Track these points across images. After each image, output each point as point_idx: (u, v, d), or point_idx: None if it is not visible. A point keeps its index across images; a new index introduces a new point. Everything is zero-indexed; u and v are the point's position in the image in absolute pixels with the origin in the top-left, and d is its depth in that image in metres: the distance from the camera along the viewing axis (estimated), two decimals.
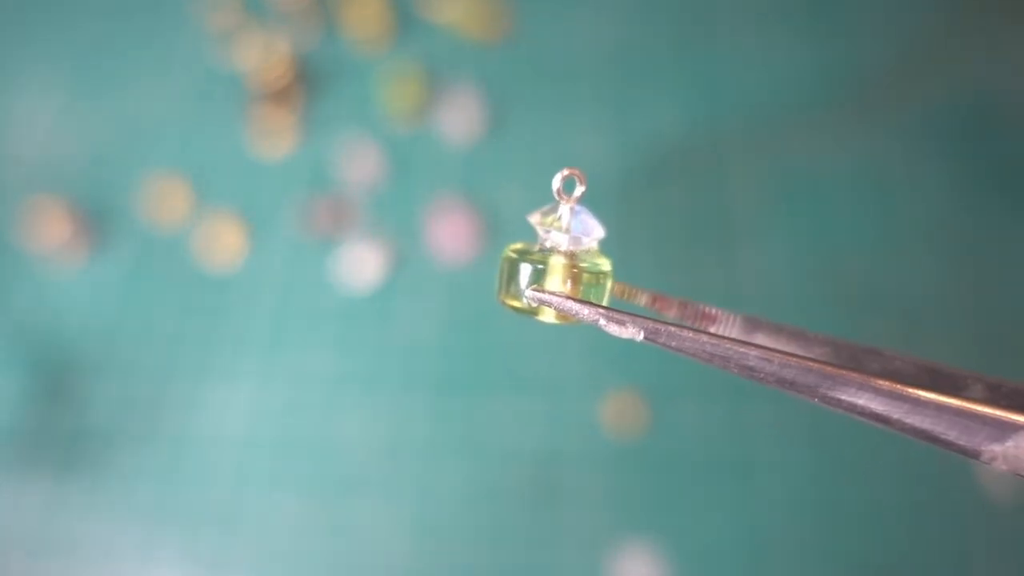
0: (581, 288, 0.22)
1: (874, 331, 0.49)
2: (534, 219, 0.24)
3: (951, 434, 0.12)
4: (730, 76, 0.59)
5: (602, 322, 0.20)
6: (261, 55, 0.58)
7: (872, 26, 0.61)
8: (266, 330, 0.53)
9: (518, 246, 0.24)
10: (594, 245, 0.24)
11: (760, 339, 0.22)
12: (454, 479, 0.47)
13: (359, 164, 0.54)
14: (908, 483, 0.45)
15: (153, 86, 0.61)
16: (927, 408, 0.13)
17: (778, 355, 0.16)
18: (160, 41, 0.63)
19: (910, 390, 0.13)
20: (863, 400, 0.14)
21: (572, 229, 0.23)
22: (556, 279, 0.22)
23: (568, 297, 0.21)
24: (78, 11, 0.66)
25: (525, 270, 0.23)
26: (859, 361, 0.20)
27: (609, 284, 0.23)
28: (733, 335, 0.22)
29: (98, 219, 0.57)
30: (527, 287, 0.22)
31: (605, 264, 0.23)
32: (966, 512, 0.44)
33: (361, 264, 0.51)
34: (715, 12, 0.63)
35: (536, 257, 0.23)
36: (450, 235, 0.51)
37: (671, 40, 0.62)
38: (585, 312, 0.20)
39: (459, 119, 0.55)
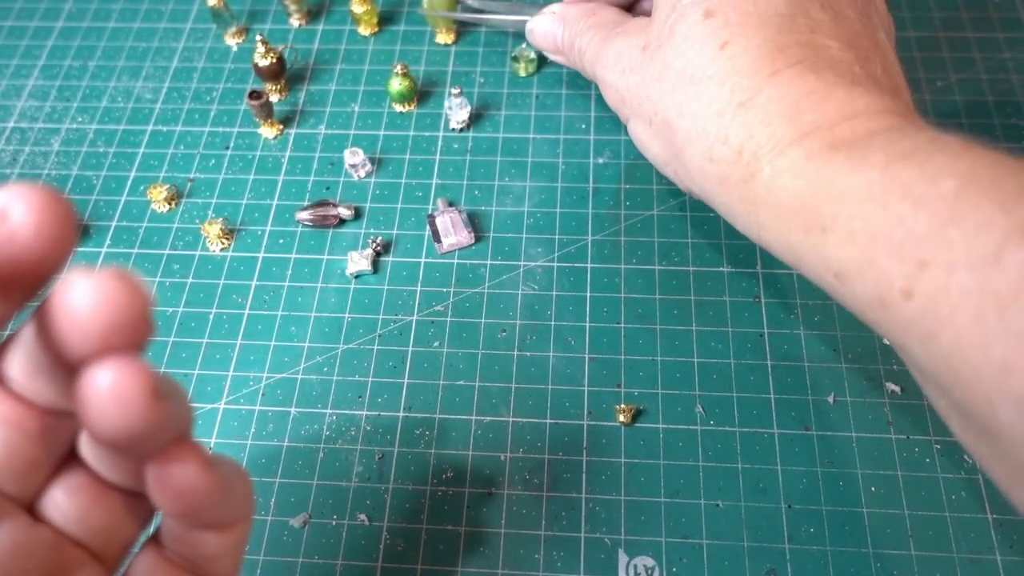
0: None
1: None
2: None
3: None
4: None
5: None
6: (250, 38, 0.58)
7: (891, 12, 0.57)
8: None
9: None
10: None
11: None
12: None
13: (350, 153, 0.52)
14: None
15: (137, 68, 0.59)
16: None
17: None
18: (145, 22, 0.62)
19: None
20: None
21: None
22: None
23: None
24: None
25: None
26: None
27: None
28: None
29: (81, 206, 0.53)
30: None
31: None
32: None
33: (353, 254, 0.49)
34: None
35: None
36: (444, 225, 0.49)
37: None
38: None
39: (454, 107, 0.52)
